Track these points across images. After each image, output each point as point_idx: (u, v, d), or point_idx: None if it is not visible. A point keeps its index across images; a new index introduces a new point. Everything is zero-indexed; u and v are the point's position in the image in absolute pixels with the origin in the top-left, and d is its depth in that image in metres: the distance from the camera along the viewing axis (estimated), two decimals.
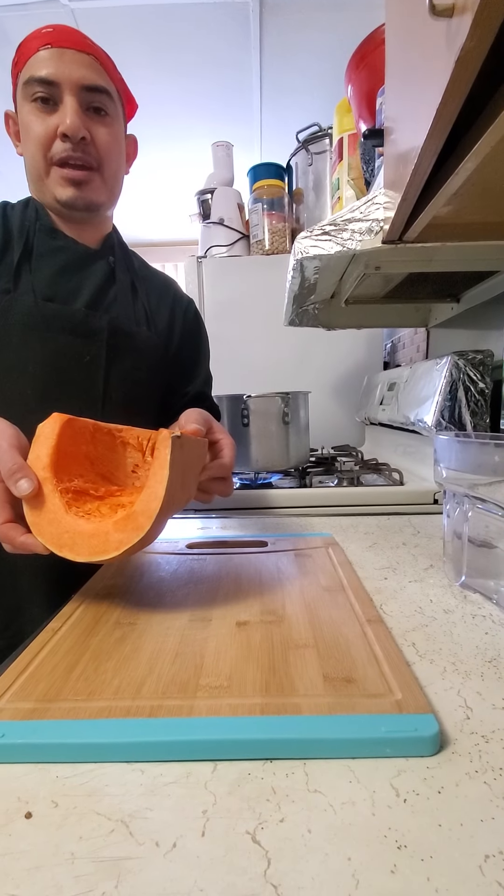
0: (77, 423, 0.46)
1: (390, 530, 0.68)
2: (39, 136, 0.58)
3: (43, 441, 0.42)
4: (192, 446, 0.45)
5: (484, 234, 0.58)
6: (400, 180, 0.49)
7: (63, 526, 0.39)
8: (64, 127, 0.58)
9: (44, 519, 0.39)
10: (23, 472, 0.40)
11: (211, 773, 0.24)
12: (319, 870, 0.19)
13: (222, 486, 0.53)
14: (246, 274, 1.54)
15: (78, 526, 0.39)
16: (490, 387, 0.79)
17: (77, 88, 0.58)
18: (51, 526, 0.39)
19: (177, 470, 0.40)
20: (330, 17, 1.58)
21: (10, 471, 0.40)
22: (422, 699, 0.28)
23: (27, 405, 0.59)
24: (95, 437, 0.49)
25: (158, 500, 0.38)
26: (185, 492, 0.45)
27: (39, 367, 0.60)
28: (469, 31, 0.28)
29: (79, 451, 0.46)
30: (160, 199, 2.84)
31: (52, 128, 0.58)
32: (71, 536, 0.38)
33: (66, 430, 0.44)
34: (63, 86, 0.58)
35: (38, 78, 0.57)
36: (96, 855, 0.20)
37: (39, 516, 0.40)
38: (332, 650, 0.33)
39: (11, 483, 0.39)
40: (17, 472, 0.40)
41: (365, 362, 1.56)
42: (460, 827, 0.21)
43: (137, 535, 0.37)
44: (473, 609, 0.42)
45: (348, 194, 0.98)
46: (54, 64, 0.57)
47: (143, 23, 1.59)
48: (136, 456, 0.51)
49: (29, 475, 0.40)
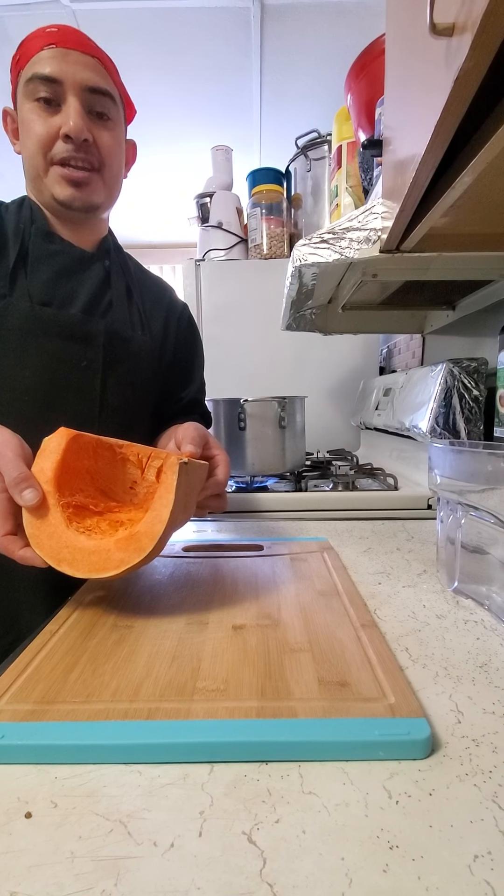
0: (82, 438, 0.47)
1: (384, 535, 0.69)
2: (41, 136, 0.58)
3: (48, 455, 0.43)
4: (196, 470, 0.46)
5: (480, 244, 0.59)
6: (398, 190, 0.49)
7: (63, 541, 0.39)
8: (67, 128, 0.57)
9: (44, 532, 0.40)
10: (28, 482, 0.40)
11: (208, 774, 0.25)
12: (313, 869, 0.20)
13: (217, 502, 0.54)
14: (244, 278, 1.54)
15: (78, 542, 0.39)
16: (484, 394, 0.80)
17: (80, 89, 0.58)
18: (50, 540, 0.39)
19: (181, 494, 0.41)
20: (330, 23, 1.59)
21: (14, 480, 0.39)
22: (414, 703, 0.28)
23: (24, 410, 0.59)
24: (97, 451, 0.49)
25: (162, 523, 0.39)
26: (186, 513, 0.46)
27: (36, 372, 0.59)
28: (469, 52, 0.28)
29: (81, 465, 0.46)
30: (159, 201, 2.85)
31: (55, 128, 0.58)
32: (71, 552, 0.39)
33: (71, 446, 0.44)
34: (66, 85, 0.58)
35: (42, 76, 0.57)
36: (95, 854, 0.20)
37: (39, 529, 0.40)
38: (326, 654, 0.34)
39: (16, 493, 0.39)
40: (23, 482, 0.39)
41: (361, 367, 1.57)
42: (450, 828, 0.21)
43: (139, 556, 0.38)
44: (465, 614, 0.43)
45: (346, 201, 0.99)
46: (58, 63, 0.57)
47: (144, 25, 1.60)
48: (134, 472, 0.51)
49: (34, 486, 0.40)
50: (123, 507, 0.48)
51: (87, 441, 0.47)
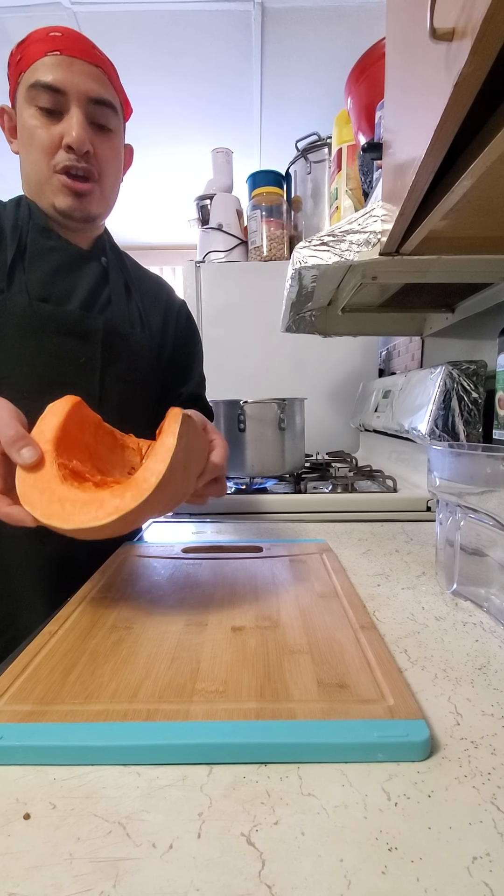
0: (86, 409, 0.46)
1: (384, 537, 0.69)
2: (44, 145, 0.58)
3: (50, 417, 0.42)
4: (197, 432, 0.45)
5: (479, 248, 0.59)
6: (398, 194, 0.50)
7: (56, 495, 0.37)
8: (70, 139, 0.58)
9: (35, 489, 0.38)
10: (25, 440, 0.39)
11: (207, 776, 0.25)
12: (312, 871, 0.20)
13: (215, 488, 0.53)
14: (243, 279, 1.55)
15: (71, 494, 0.37)
16: (483, 397, 0.80)
17: (84, 100, 0.58)
18: (42, 495, 0.37)
19: (182, 445, 0.39)
20: (331, 27, 1.60)
21: (11, 439, 0.39)
22: (413, 705, 0.28)
23: (22, 406, 0.59)
24: (98, 433, 0.49)
25: (164, 463, 0.36)
26: (185, 482, 0.43)
27: (34, 368, 0.60)
28: (468, 57, 0.29)
29: (82, 438, 0.46)
30: (159, 202, 2.85)
31: (57, 137, 0.58)
32: (62, 504, 0.36)
33: (75, 412, 0.44)
34: (70, 95, 0.58)
35: (45, 84, 0.57)
36: (94, 855, 0.20)
37: (32, 486, 0.38)
38: (326, 656, 0.34)
39: (14, 451, 0.39)
40: (20, 440, 0.39)
41: (360, 369, 1.58)
42: (449, 830, 0.21)
43: (135, 501, 0.35)
44: (464, 616, 0.43)
45: (346, 204, 0.99)
46: (62, 73, 0.57)
47: (145, 27, 1.60)
48: (134, 459, 0.51)
49: (33, 444, 0.39)
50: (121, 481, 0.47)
51: (89, 414, 0.47)
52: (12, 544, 0.60)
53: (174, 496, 0.42)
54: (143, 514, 0.37)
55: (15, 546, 0.60)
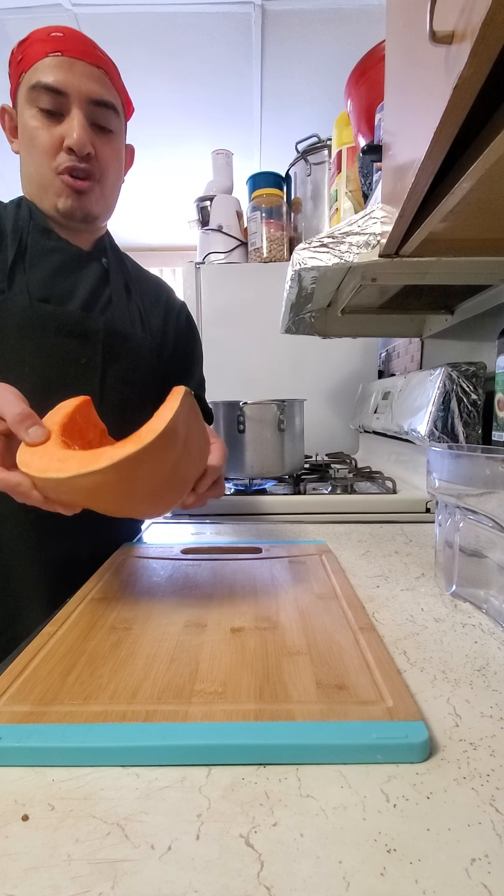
0: (94, 412, 0.48)
1: (383, 538, 0.69)
2: (45, 146, 0.58)
3: (60, 409, 0.44)
4: (197, 415, 0.45)
5: (478, 250, 0.59)
6: (397, 195, 0.50)
7: (55, 456, 0.37)
8: (71, 141, 0.58)
9: (35, 455, 0.38)
10: (33, 419, 0.40)
11: (205, 777, 0.25)
12: (311, 872, 0.20)
13: (214, 489, 0.53)
14: (243, 281, 1.55)
15: (71, 453, 0.38)
16: (482, 398, 0.80)
17: (85, 102, 0.59)
18: (42, 459, 0.37)
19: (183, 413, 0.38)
20: (331, 29, 1.60)
21: (19, 416, 0.39)
22: (412, 707, 0.28)
23: None
24: (103, 441, 0.50)
25: (165, 421, 0.36)
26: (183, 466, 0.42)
27: (35, 368, 0.60)
28: (468, 60, 0.29)
29: (86, 433, 0.47)
30: (159, 203, 2.85)
31: (58, 138, 0.58)
32: (60, 459, 0.37)
33: (83, 408, 0.45)
34: (71, 97, 0.58)
35: (47, 85, 0.57)
36: (93, 857, 0.20)
37: (32, 454, 0.38)
38: (325, 657, 0.34)
39: (22, 429, 0.39)
40: (27, 418, 0.40)
41: (360, 371, 1.58)
42: (448, 831, 0.21)
43: (135, 447, 0.35)
44: (463, 618, 0.43)
45: (346, 206, 0.99)
46: (64, 74, 0.57)
47: (146, 29, 1.61)
48: None
49: (40, 423, 0.40)
50: None
51: (97, 419, 0.49)
52: (13, 545, 0.60)
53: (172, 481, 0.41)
54: (141, 471, 0.36)
55: (15, 547, 0.60)
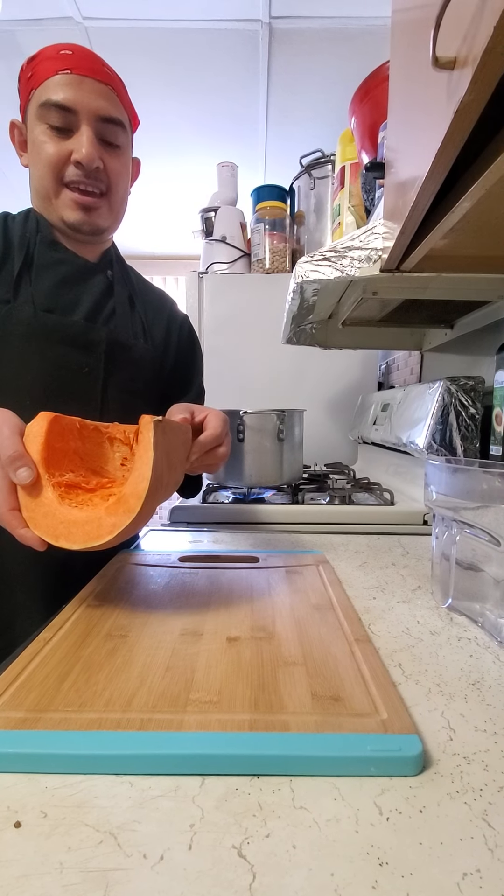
0: (63, 420, 0.48)
1: (380, 550, 0.69)
2: (52, 159, 0.60)
3: (32, 439, 0.44)
4: (174, 430, 0.47)
5: (478, 266, 0.60)
6: (399, 212, 0.51)
7: (58, 517, 0.40)
8: (79, 156, 0.59)
9: (39, 513, 0.41)
10: (23, 460, 0.41)
11: (199, 787, 0.25)
12: (303, 884, 0.20)
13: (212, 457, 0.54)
14: (246, 291, 1.56)
15: (71, 515, 0.40)
16: (480, 412, 0.81)
17: (94, 119, 0.60)
18: (46, 518, 0.40)
19: (161, 451, 0.41)
20: (336, 48, 1.63)
21: (10, 458, 0.40)
22: (407, 720, 0.28)
23: (25, 415, 0.59)
24: (83, 433, 0.50)
25: (146, 480, 0.39)
26: (173, 474, 0.46)
27: (38, 377, 0.60)
28: (469, 86, 0.29)
29: (68, 447, 0.47)
30: (164, 213, 2.88)
31: (66, 153, 0.60)
32: (66, 526, 0.40)
33: (53, 427, 0.45)
34: (80, 114, 0.59)
35: (56, 103, 0.58)
36: (84, 865, 0.20)
37: (35, 511, 0.41)
38: (320, 668, 0.34)
39: (11, 471, 0.40)
40: (18, 459, 0.40)
41: (360, 382, 1.59)
42: (440, 845, 0.21)
43: (129, 517, 0.39)
44: (459, 631, 0.43)
45: (348, 220, 1.01)
46: (73, 91, 0.58)
47: (154, 42, 1.63)
48: (123, 450, 0.53)
49: (29, 464, 0.41)
50: (116, 482, 0.49)
51: (69, 423, 0.49)
52: (9, 551, 0.60)
53: (165, 491, 0.45)
54: (138, 522, 0.40)
55: (12, 553, 0.60)
